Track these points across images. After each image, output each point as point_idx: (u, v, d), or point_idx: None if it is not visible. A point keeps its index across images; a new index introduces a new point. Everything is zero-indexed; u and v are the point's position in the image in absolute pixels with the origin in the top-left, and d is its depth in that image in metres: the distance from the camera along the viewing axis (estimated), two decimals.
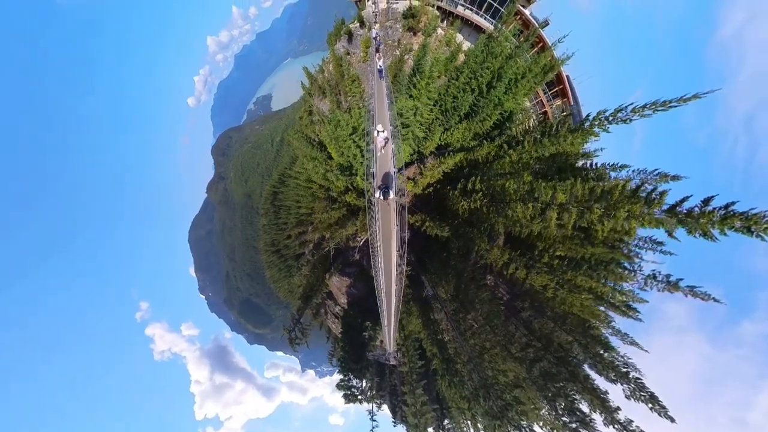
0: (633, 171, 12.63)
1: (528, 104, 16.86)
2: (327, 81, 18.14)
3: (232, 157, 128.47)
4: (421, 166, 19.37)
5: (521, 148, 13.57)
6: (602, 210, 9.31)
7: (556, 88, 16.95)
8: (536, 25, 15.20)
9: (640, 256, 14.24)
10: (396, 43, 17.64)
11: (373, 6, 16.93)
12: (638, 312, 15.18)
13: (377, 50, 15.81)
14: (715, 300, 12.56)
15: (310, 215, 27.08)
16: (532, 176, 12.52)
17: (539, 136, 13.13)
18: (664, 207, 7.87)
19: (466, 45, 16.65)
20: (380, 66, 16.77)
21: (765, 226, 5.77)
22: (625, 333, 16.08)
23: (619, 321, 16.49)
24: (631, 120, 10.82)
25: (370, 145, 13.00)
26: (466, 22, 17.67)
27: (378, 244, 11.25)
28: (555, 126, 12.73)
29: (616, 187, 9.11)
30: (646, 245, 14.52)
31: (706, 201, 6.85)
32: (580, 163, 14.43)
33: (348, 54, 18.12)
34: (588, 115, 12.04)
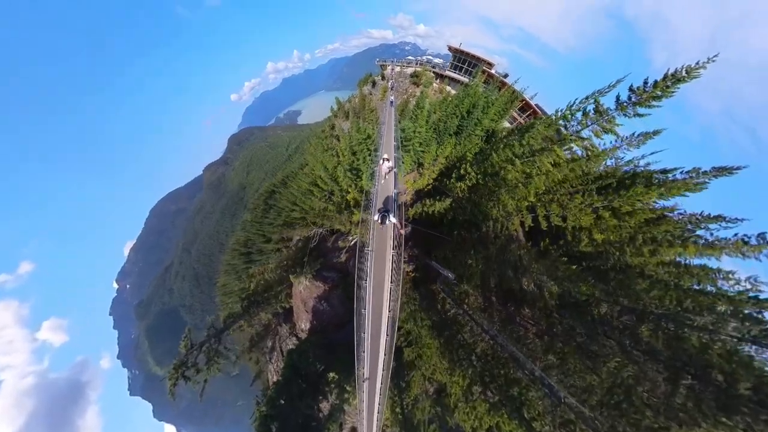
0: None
1: (507, 124, 21.70)
2: (352, 107, 24.44)
3: (246, 148, 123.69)
4: (420, 170, 22.17)
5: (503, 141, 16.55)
6: (574, 132, 10.71)
7: (529, 112, 22.48)
8: (497, 76, 22.55)
9: (699, 223, 9.01)
10: (404, 91, 25.35)
11: (392, 70, 26.24)
12: None
13: (391, 88, 22.66)
14: None
15: (303, 218, 22.99)
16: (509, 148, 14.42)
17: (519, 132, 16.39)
18: (613, 107, 9.47)
19: (453, 92, 23.87)
20: (392, 99, 23.08)
21: (683, 74, 7.21)
22: None
23: None
24: (583, 110, 13.85)
25: (375, 169, 12.48)
26: (452, 79, 26.16)
27: (369, 267, 8.97)
28: (531, 123, 16.05)
29: (568, 109, 10.94)
30: (699, 221, 9.33)
31: (631, 87, 8.64)
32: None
33: (370, 94, 25.46)
34: (552, 114, 15.54)
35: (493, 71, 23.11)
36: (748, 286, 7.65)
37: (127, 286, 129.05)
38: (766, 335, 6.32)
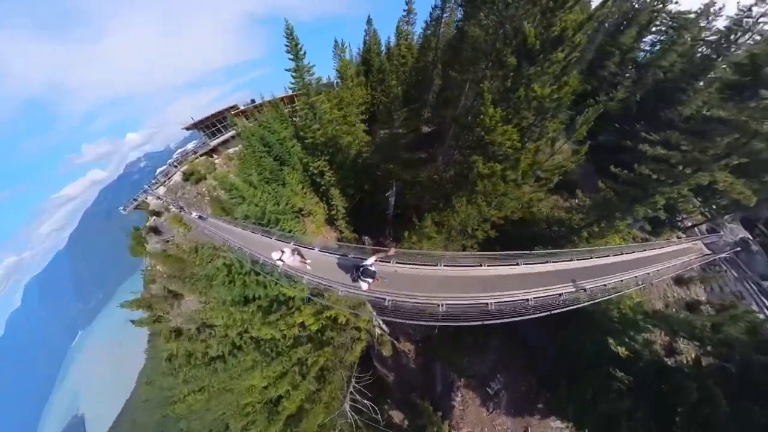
0: None
1: (295, 120, 22.37)
2: (166, 280, 16.27)
3: None
4: (305, 212, 19.13)
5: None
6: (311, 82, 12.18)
7: (297, 101, 21.95)
8: (249, 106, 22.49)
9: None
10: (198, 196, 20.18)
11: (156, 199, 19.83)
12: None
13: (183, 209, 17.00)
14: None
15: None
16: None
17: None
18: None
19: (237, 148, 21.59)
20: (196, 215, 17.60)
21: None
22: None
23: None
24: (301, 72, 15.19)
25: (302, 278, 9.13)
26: (224, 143, 23.18)
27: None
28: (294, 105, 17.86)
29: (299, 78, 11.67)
30: None
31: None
32: None
33: (168, 242, 18.44)
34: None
35: (241, 108, 22.45)
36: None
37: None
38: None
